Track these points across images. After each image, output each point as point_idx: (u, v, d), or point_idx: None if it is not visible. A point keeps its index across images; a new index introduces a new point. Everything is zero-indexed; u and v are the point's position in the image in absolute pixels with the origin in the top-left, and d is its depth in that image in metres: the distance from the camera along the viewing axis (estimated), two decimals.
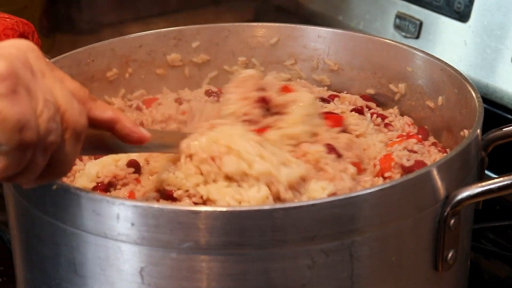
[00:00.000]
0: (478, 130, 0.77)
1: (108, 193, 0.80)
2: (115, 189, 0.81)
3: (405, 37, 1.18)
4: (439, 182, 0.71)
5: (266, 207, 0.68)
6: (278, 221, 0.64)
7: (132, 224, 0.65)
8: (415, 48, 0.98)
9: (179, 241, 0.65)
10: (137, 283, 0.68)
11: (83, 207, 0.68)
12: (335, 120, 0.89)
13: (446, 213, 0.71)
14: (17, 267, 0.82)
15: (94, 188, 0.80)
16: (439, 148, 0.88)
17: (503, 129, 0.84)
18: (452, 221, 0.71)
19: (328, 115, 0.90)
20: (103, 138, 0.69)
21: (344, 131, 0.89)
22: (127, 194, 0.80)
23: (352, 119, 0.92)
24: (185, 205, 0.74)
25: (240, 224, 0.64)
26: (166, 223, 0.65)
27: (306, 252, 0.65)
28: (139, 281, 0.67)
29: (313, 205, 0.65)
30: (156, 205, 0.67)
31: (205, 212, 0.65)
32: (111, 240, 0.68)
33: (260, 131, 0.83)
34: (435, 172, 0.71)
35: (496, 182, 0.72)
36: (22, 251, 0.79)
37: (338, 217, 0.65)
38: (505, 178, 0.72)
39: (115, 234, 0.67)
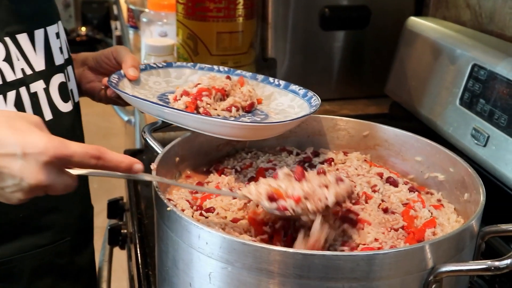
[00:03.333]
0: (473, 222, 0.92)
1: (195, 217, 1.05)
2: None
3: (476, 144, 1.48)
4: (428, 255, 0.87)
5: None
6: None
7: (206, 243, 0.91)
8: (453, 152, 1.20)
9: (233, 261, 0.89)
10: (207, 282, 0.93)
11: (178, 223, 0.94)
12: None
13: (429, 280, 0.88)
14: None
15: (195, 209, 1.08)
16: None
17: (501, 226, 0.98)
18: (433, 286, 0.88)
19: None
20: None
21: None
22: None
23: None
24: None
25: (303, 262, 0.86)
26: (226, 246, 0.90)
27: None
28: (208, 281, 0.93)
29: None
30: (222, 234, 0.91)
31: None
32: (194, 250, 0.93)
33: None
34: (427, 248, 0.87)
35: (471, 264, 0.90)
36: (158, 245, 1.08)
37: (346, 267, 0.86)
38: (479, 262, 0.89)
39: (196, 247, 0.92)
